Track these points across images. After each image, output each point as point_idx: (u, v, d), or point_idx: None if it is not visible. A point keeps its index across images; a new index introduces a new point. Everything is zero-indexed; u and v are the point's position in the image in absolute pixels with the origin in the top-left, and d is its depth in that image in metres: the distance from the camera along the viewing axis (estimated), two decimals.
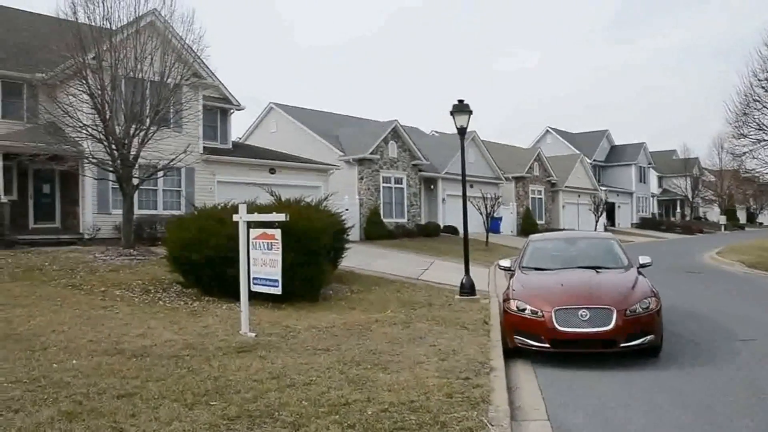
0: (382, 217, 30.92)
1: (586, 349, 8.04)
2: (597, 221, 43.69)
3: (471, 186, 14.75)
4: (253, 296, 9.31)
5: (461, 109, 14.59)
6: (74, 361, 7.16)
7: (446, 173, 35.92)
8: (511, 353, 8.34)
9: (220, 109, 26.24)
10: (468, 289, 13.87)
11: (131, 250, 16.58)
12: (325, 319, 10.55)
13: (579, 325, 7.88)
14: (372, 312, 11.63)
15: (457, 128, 14.69)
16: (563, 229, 38.69)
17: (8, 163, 19.44)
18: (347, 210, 19.67)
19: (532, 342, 8.12)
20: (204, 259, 11.93)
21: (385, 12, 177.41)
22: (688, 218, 65.15)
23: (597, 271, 9.37)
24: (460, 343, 8.65)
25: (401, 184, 33.36)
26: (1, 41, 22.88)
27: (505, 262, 10.84)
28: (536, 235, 13.19)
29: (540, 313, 8.10)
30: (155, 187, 21.53)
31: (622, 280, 9.02)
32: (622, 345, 7.87)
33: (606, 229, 44.79)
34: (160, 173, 18.42)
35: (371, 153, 31.44)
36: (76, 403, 5.61)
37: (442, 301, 13.33)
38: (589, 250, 10.72)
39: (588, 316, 7.89)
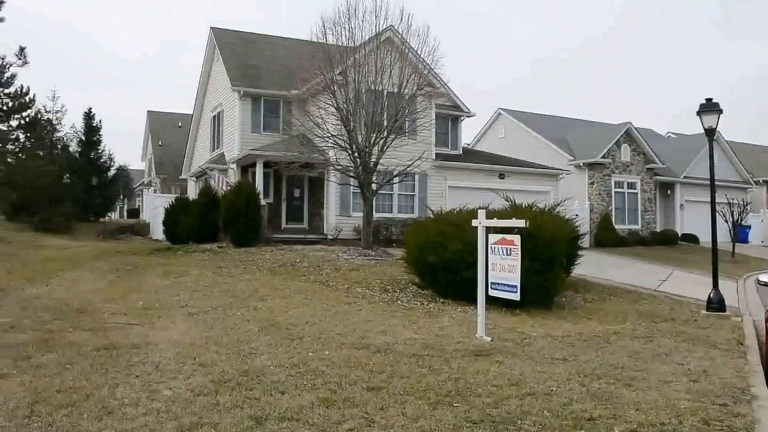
0: (613, 223, 29.58)
1: None
2: None
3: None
4: (487, 300, 9.36)
5: (709, 108, 13.40)
6: (326, 352, 7.76)
7: (685, 177, 33.39)
8: None
9: (451, 116, 26.96)
10: (716, 304, 12.72)
11: (370, 251, 17.63)
12: (560, 328, 10.35)
13: None
14: (609, 323, 11.16)
15: (705, 129, 13.54)
16: None
17: (267, 170, 22.03)
18: (577, 216, 19.13)
19: None
20: (440, 261, 12.30)
21: (613, 12, 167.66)
22: None
23: None
24: (712, 363, 7.94)
25: (634, 189, 31.60)
26: (265, 65, 25.98)
27: (766, 277, 9.76)
28: None
29: None
30: (391, 192, 22.68)
31: None
32: None
33: None
34: (396, 179, 19.37)
35: (602, 157, 30.25)
36: (331, 391, 6.07)
37: (686, 315, 12.38)
38: None
39: None
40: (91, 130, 41.18)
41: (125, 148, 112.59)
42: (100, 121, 41.91)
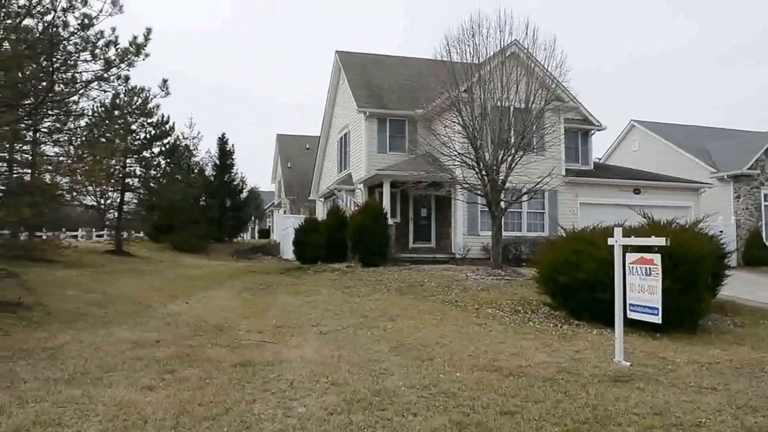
0: (764, 240, 27.50)
1: None
2: None
3: None
4: (625, 323, 8.86)
5: None
6: (457, 374, 7.61)
7: None
8: None
9: (580, 130, 26.14)
10: None
11: (499, 270, 17.31)
12: (706, 354, 9.58)
13: None
14: (763, 350, 10.20)
15: None
16: None
17: (394, 190, 22.33)
18: (721, 232, 17.88)
19: None
20: (574, 282, 11.82)
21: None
22: None
23: None
24: None
25: None
26: (389, 86, 26.43)
27: None
28: None
29: None
30: (519, 210, 22.28)
31: None
32: None
33: None
34: (525, 196, 18.97)
35: (749, 168, 28.27)
36: (463, 414, 5.93)
37: None
38: None
39: None
40: (225, 154, 43.68)
41: (256, 170, 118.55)
42: (233, 145, 44.52)
